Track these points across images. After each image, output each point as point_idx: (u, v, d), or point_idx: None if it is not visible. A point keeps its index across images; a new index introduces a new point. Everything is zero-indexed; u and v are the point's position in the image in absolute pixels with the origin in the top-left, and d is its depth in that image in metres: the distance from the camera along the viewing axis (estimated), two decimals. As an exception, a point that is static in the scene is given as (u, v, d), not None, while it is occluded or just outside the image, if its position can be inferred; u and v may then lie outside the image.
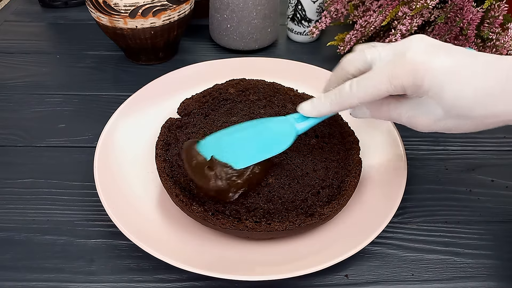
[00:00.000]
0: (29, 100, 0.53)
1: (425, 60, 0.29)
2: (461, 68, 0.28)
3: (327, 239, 0.35)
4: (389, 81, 0.30)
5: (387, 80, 0.30)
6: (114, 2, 0.50)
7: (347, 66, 0.34)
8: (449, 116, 0.30)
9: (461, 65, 0.28)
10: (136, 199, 0.38)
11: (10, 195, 0.41)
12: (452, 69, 0.28)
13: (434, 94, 0.29)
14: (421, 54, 0.29)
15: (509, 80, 0.27)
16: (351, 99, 0.32)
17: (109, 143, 0.42)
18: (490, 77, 0.28)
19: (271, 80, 0.48)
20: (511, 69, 0.28)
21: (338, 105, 0.33)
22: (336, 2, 0.56)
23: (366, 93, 0.31)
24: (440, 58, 0.29)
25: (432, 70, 0.28)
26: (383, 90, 0.30)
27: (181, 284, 0.34)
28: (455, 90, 0.28)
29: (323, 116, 0.36)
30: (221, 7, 0.58)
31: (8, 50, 0.62)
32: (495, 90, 0.28)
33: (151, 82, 0.49)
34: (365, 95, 0.31)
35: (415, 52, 0.29)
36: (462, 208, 0.41)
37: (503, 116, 0.28)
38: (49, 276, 0.34)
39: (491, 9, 0.46)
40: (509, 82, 0.27)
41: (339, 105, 0.33)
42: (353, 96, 0.32)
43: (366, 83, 0.31)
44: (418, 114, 0.31)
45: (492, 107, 0.28)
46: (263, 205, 0.36)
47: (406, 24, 0.47)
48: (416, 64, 0.29)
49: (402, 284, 0.35)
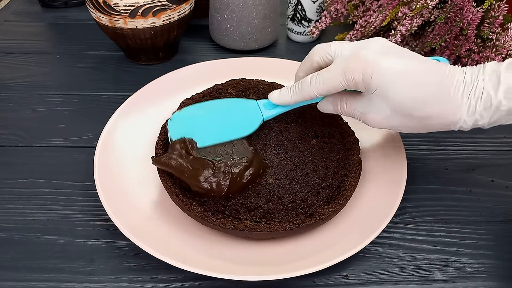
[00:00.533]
0: (29, 100, 0.53)
1: (376, 59, 0.31)
2: (407, 71, 0.31)
3: (327, 239, 0.35)
4: (343, 75, 0.32)
5: (342, 74, 0.32)
6: (114, 2, 0.50)
7: (314, 55, 0.37)
8: (396, 115, 0.32)
9: (408, 68, 0.31)
10: (136, 199, 0.38)
11: (10, 195, 0.41)
12: (399, 71, 0.31)
13: (380, 92, 0.31)
14: (374, 53, 0.31)
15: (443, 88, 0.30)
16: (310, 91, 0.35)
17: (109, 143, 0.42)
18: (430, 84, 0.30)
19: (271, 80, 0.48)
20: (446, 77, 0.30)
21: (299, 95, 0.36)
22: (336, 2, 0.56)
23: (324, 85, 0.34)
24: (389, 59, 0.31)
25: (380, 69, 0.31)
26: (338, 83, 0.33)
27: (181, 284, 0.34)
28: (399, 91, 0.31)
29: (286, 105, 0.38)
30: (221, 7, 0.58)
31: (8, 50, 0.62)
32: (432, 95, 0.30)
33: (151, 82, 0.49)
34: (323, 87, 0.34)
35: (369, 51, 0.32)
36: (462, 208, 0.41)
37: (440, 118, 0.31)
38: (49, 276, 0.34)
39: (491, 9, 0.46)
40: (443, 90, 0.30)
41: (300, 96, 0.36)
42: (312, 88, 0.34)
43: (324, 76, 0.34)
44: (369, 111, 0.34)
45: (429, 110, 0.31)
46: (263, 205, 0.36)
47: (406, 25, 0.47)
48: (367, 62, 0.31)
49: (402, 284, 0.35)
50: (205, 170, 0.35)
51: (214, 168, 0.35)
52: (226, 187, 0.35)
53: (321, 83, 0.34)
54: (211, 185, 0.35)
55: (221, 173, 0.35)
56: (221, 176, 0.35)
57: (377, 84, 0.31)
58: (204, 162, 0.36)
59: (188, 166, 0.36)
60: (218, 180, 0.35)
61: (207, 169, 0.35)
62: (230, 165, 0.36)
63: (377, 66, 0.31)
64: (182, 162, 0.36)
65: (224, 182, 0.35)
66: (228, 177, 0.35)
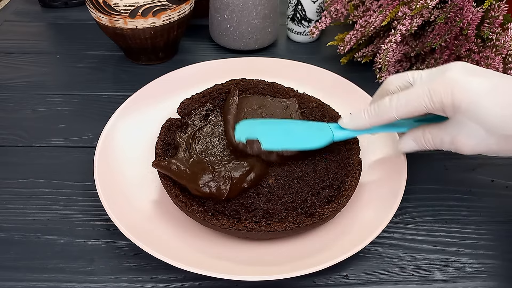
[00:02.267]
0: (29, 100, 0.53)
1: (464, 79, 0.30)
2: (497, 89, 0.29)
3: (327, 239, 0.35)
4: (429, 96, 0.30)
5: (427, 95, 0.30)
6: (114, 2, 0.50)
7: (389, 83, 0.35)
8: (492, 136, 0.30)
9: (498, 86, 0.29)
10: (136, 199, 0.38)
11: (10, 195, 0.41)
12: (489, 90, 0.29)
13: (472, 114, 0.30)
14: (460, 74, 0.30)
15: None
16: (389, 113, 0.33)
17: (109, 143, 0.42)
18: None
19: (271, 80, 0.48)
20: None
21: (376, 118, 0.34)
22: (336, 2, 0.56)
23: (405, 107, 0.32)
24: (477, 79, 0.30)
25: (470, 90, 0.29)
26: (422, 105, 0.31)
27: (181, 284, 0.34)
28: (492, 109, 0.29)
29: (360, 129, 0.36)
30: (221, 7, 0.58)
31: (8, 50, 0.62)
32: None
33: (151, 82, 0.49)
34: (404, 109, 0.32)
35: (455, 72, 0.30)
36: (462, 208, 0.41)
37: None
38: (49, 276, 0.34)
39: (491, 9, 0.46)
40: None
41: (378, 119, 0.34)
42: (392, 109, 0.32)
43: (406, 97, 0.32)
44: (460, 137, 0.32)
45: None
46: (263, 206, 0.36)
47: (406, 24, 0.47)
48: (455, 83, 0.30)
49: (402, 284, 0.35)
50: (205, 174, 0.35)
51: (214, 173, 0.35)
52: (226, 191, 0.35)
53: (402, 105, 0.32)
54: (211, 189, 0.35)
55: (221, 178, 0.35)
56: (221, 181, 0.35)
57: (468, 105, 0.29)
58: (204, 166, 0.36)
59: (187, 171, 0.36)
60: (218, 185, 0.35)
61: (207, 174, 0.35)
62: (230, 170, 0.36)
63: (466, 86, 0.29)
64: (182, 167, 0.36)
65: (225, 187, 0.35)
66: (228, 182, 0.35)
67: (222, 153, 0.39)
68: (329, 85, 0.50)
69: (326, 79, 0.51)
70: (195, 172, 0.36)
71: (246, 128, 0.39)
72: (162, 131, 0.41)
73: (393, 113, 0.33)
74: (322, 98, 0.46)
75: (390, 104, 0.33)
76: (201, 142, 0.40)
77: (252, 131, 0.38)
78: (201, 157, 0.38)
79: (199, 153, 0.38)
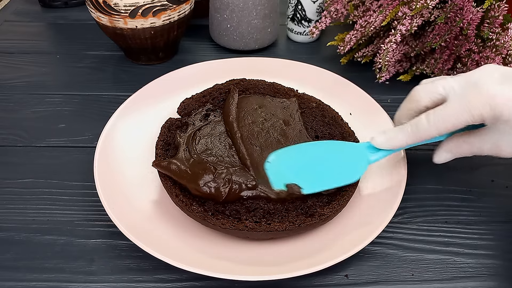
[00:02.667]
0: (29, 100, 0.53)
1: (501, 90, 0.30)
2: None
3: (327, 239, 0.35)
4: (468, 111, 0.30)
5: (466, 111, 0.30)
6: (114, 2, 0.50)
7: (420, 97, 0.35)
8: None
9: None
10: (136, 200, 0.38)
11: (10, 195, 0.41)
12: None
13: None
14: (496, 85, 0.30)
15: None
16: (429, 131, 0.33)
17: (109, 143, 0.42)
18: None
19: (271, 80, 0.48)
20: None
21: (415, 137, 0.34)
22: (336, 2, 0.56)
23: (445, 124, 0.32)
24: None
25: (508, 99, 0.29)
26: (463, 120, 0.31)
27: (181, 284, 0.34)
28: None
29: (396, 148, 0.36)
30: (221, 7, 0.58)
31: (8, 50, 0.62)
32: None
33: (151, 82, 0.49)
34: (443, 126, 0.32)
35: (490, 83, 0.30)
36: (462, 208, 0.41)
37: None
38: (49, 276, 0.34)
39: (491, 9, 0.46)
40: None
41: (416, 137, 0.34)
42: (432, 127, 0.32)
43: (444, 114, 0.32)
44: (501, 143, 0.32)
45: None
46: (263, 205, 0.36)
47: (406, 24, 0.47)
48: (493, 96, 0.30)
49: (402, 284, 0.35)
50: (206, 174, 0.35)
51: (215, 173, 0.35)
52: (225, 194, 0.35)
53: (441, 122, 0.32)
54: (210, 189, 0.35)
55: (221, 180, 0.35)
56: (221, 183, 0.35)
57: (509, 115, 0.30)
58: (205, 166, 0.36)
59: (187, 171, 0.36)
60: (218, 186, 0.35)
61: (208, 174, 0.35)
62: (232, 173, 0.36)
63: (506, 96, 0.29)
64: (182, 167, 0.36)
65: (224, 189, 0.35)
66: (228, 184, 0.35)
67: (222, 153, 0.39)
68: (329, 85, 0.50)
69: (326, 79, 0.51)
70: (195, 172, 0.36)
71: (278, 167, 0.37)
72: (162, 131, 0.41)
73: (433, 132, 0.33)
74: (322, 98, 0.46)
75: (428, 122, 0.33)
76: (201, 142, 0.40)
77: (287, 172, 0.36)
78: (202, 157, 0.38)
79: (199, 153, 0.38)
